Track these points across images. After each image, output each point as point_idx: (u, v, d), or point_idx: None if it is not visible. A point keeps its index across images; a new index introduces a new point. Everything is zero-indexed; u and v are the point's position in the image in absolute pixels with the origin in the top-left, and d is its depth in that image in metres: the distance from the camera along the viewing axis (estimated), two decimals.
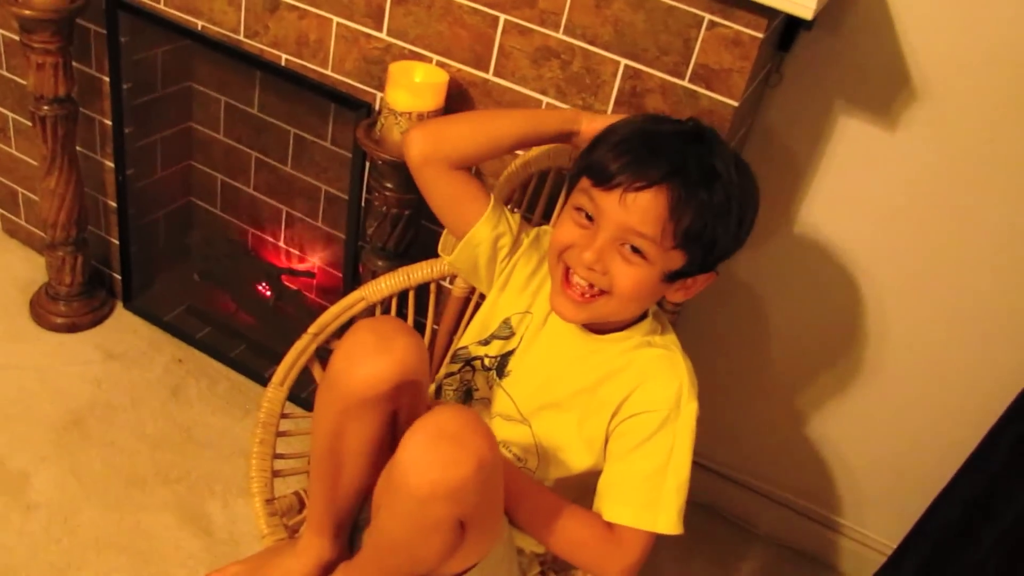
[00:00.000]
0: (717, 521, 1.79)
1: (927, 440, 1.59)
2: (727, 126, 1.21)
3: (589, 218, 1.03)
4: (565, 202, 1.12)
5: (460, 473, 0.86)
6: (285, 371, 1.32)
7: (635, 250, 1.01)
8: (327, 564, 1.08)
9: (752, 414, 1.72)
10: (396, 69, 1.32)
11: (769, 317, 1.62)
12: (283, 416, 1.31)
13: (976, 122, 1.34)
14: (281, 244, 1.93)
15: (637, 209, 0.99)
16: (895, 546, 1.59)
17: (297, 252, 1.91)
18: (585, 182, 1.04)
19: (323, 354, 1.36)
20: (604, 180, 1.00)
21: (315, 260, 1.90)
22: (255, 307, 1.94)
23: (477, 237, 1.16)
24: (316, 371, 1.35)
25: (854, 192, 1.45)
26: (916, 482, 1.60)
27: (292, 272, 1.91)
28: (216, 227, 1.99)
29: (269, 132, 1.81)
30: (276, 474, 1.27)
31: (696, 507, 1.09)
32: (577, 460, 1.11)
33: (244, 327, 1.94)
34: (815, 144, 1.44)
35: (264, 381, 1.85)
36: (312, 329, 1.34)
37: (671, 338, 1.13)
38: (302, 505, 1.28)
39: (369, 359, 0.96)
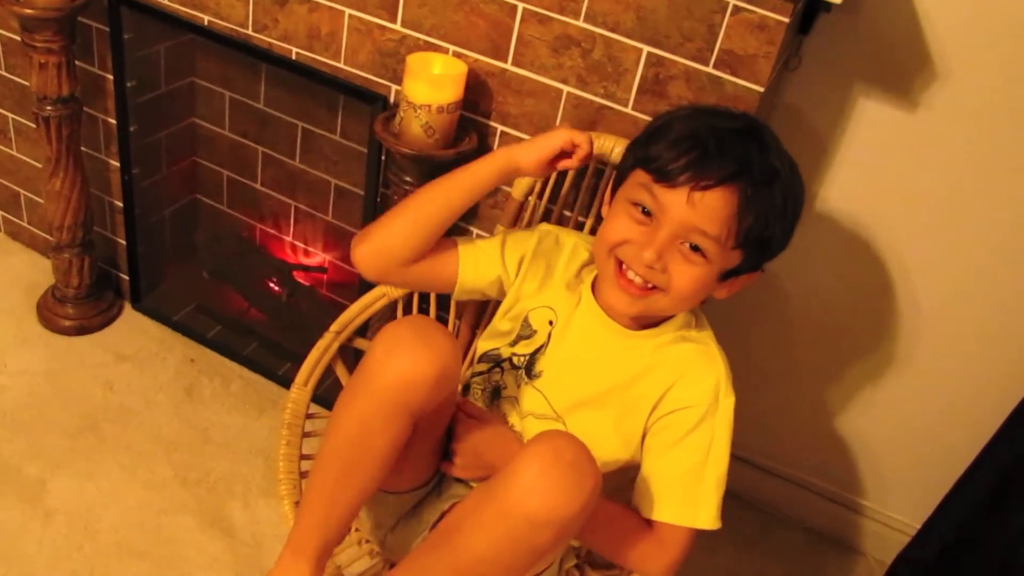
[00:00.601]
0: (741, 507, 1.78)
1: (951, 421, 1.59)
2: (753, 112, 1.20)
3: (646, 213, 1.02)
4: (612, 193, 1.10)
5: (581, 500, 0.87)
6: (309, 371, 1.31)
7: (695, 248, 1.00)
8: None
9: (774, 399, 1.71)
10: (414, 61, 1.30)
11: (790, 300, 1.61)
12: (308, 416, 1.30)
13: (997, 101, 1.33)
14: (290, 239, 1.91)
15: (705, 208, 0.97)
16: (919, 527, 1.59)
17: (307, 247, 1.89)
18: (643, 176, 1.02)
19: (345, 353, 1.35)
20: (668, 177, 0.98)
21: (326, 255, 1.88)
22: (266, 304, 1.92)
23: (466, 284, 1.17)
24: (339, 370, 1.34)
25: (876, 174, 1.44)
26: (940, 463, 1.60)
27: (303, 268, 1.89)
28: (223, 224, 1.96)
29: (276, 126, 1.78)
30: (304, 475, 1.26)
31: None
32: (612, 456, 1.10)
33: (256, 324, 1.92)
34: (835, 127, 1.43)
35: (278, 379, 1.84)
36: (334, 327, 1.33)
37: (707, 333, 1.12)
38: None
39: (410, 352, 0.95)
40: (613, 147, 1.25)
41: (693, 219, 0.98)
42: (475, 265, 1.16)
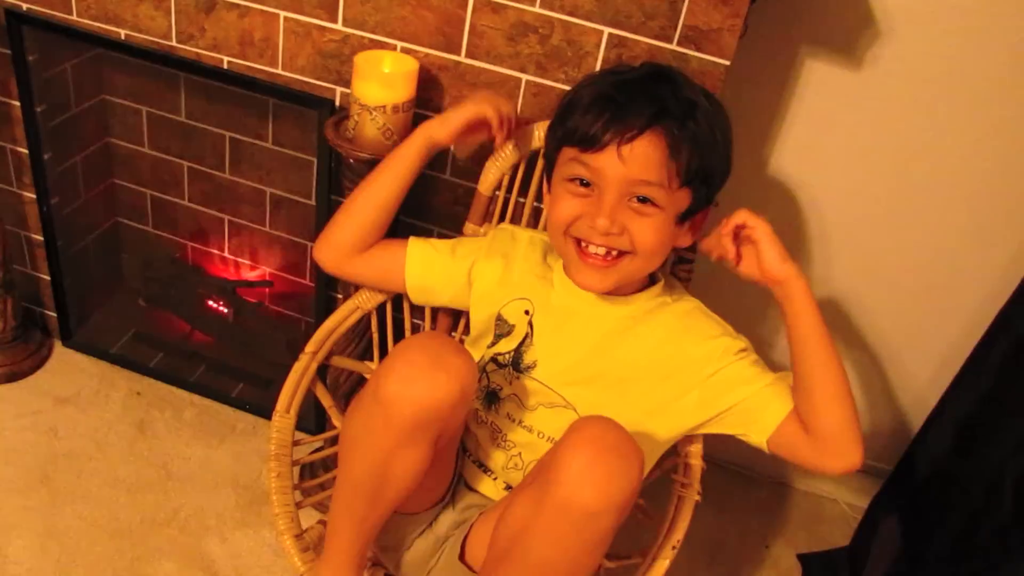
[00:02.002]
0: (715, 470, 1.81)
1: (909, 370, 1.65)
2: (719, 86, 1.19)
3: (585, 184, 1.03)
4: (548, 182, 1.12)
5: (632, 480, 0.86)
6: (289, 396, 1.25)
7: (643, 200, 1.01)
8: None
9: None
10: (362, 60, 1.23)
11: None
12: (295, 444, 1.24)
13: (939, 53, 1.36)
14: (228, 255, 1.81)
15: (637, 159, 0.98)
16: (891, 469, 1.64)
17: (248, 262, 1.80)
18: (571, 151, 1.03)
19: (323, 373, 1.29)
20: (593, 142, 0.99)
21: (268, 268, 1.80)
22: (210, 325, 1.82)
23: (415, 280, 1.19)
24: (319, 392, 1.28)
25: (825, 134, 1.47)
26: (908, 408, 1.66)
27: (246, 283, 1.80)
28: (152, 246, 1.85)
29: (201, 139, 1.69)
30: (299, 505, 1.21)
31: None
32: (633, 428, 1.10)
33: (201, 347, 1.83)
34: (784, 91, 1.44)
35: (232, 401, 1.77)
36: (310, 347, 1.27)
37: (688, 298, 1.17)
38: None
39: (426, 379, 0.91)
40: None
41: (631, 172, 0.99)
42: (423, 260, 1.18)
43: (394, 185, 1.16)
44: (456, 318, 1.36)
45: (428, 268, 1.19)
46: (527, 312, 1.15)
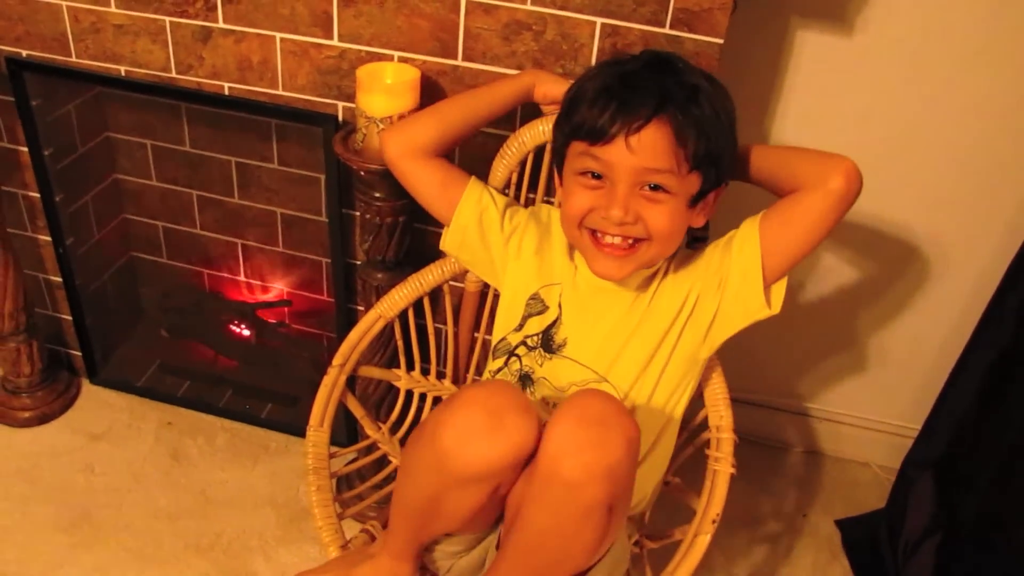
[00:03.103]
0: (747, 447, 1.82)
1: (924, 331, 1.66)
2: (715, 64, 1.20)
3: (596, 177, 1.04)
4: (559, 175, 1.13)
5: (612, 453, 0.87)
6: (321, 411, 1.26)
7: (655, 188, 1.02)
8: None
9: (760, 335, 1.75)
10: (365, 74, 1.25)
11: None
12: (331, 456, 1.26)
13: (929, 14, 1.37)
14: (245, 279, 1.83)
15: (645, 147, 0.99)
16: (920, 427, 1.65)
17: (265, 283, 1.82)
18: (580, 146, 1.04)
19: (352, 384, 1.31)
20: (600, 135, 1.01)
21: (286, 287, 1.82)
22: (234, 349, 1.84)
23: (463, 216, 1.18)
24: (351, 403, 1.30)
25: (823, 101, 1.48)
26: (930, 363, 1.67)
27: (266, 304, 1.82)
28: (167, 277, 1.87)
29: (207, 166, 1.70)
30: (341, 516, 1.22)
31: None
32: (680, 383, 1.14)
33: (227, 372, 1.85)
34: (778, 63, 1.46)
35: (263, 422, 1.78)
36: (337, 360, 1.28)
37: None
38: (373, 538, 1.24)
39: (482, 441, 0.91)
40: None
41: (640, 162, 1.00)
42: (478, 198, 1.18)
43: (487, 112, 1.19)
44: (478, 318, 1.37)
45: (480, 205, 1.18)
46: (560, 294, 1.17)
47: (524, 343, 1.18)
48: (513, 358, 1.19)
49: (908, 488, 1.62)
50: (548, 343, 1.16)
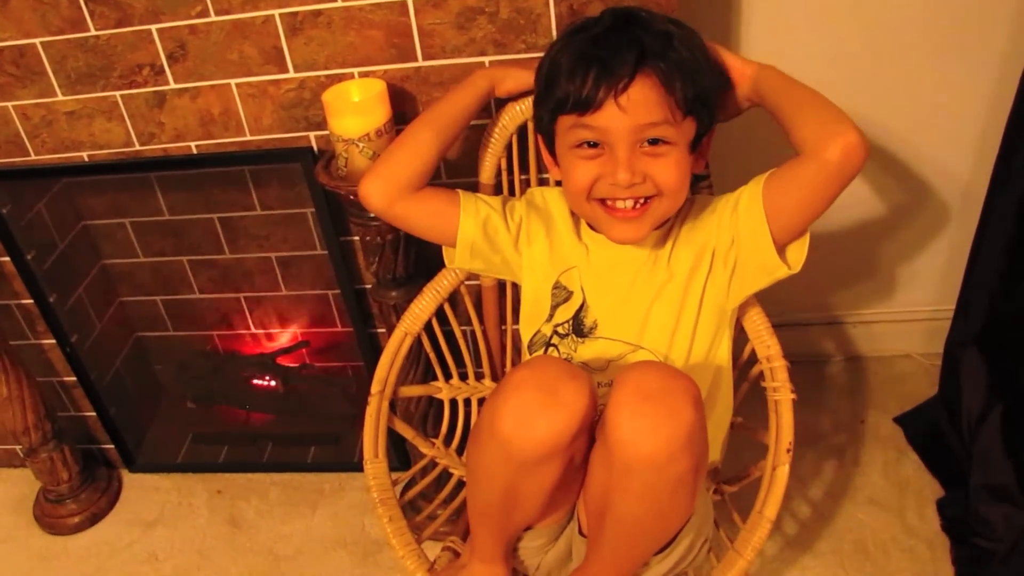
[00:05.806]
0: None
1: (928, 220, 1.66)
2: (676, 8, 1.18)
3: (592, 146, 1.02)
4: (551, 154, 1.11)
5: (685, 418, 0.85)
6: (372, 441, 1.25)
7: (655, 142, 1.01)
8: None
9: None
10: (330, 98, 1.22)
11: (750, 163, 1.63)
12: (394, 484, 1.24)
13: None
14: (256, 331, 1.81)
15: (635, 105, 0.98)
16: (953, 307, 1.65)
17: (277, 330, 1.80)
18: (569, 119, 1.02)
19: (394, 407, 1.29)
20: (588, 103, 0.99)
21: (299, 328, 1.79)
22: (263, 402, 1.82)
23: (467, 233, 1.15)
24: (398, 426, 1.28)
25: (787, 25, 1.46)
26: (948, 241, 1.66)
27: (284, 351, 1.80)
28: (179, 349, 1.85)
29: (191, 230, 1.68)
30: (419, 540, 1.21)
31: None
32: (712, 334, 1.12)
33: (262, 427, 1.83)
34: None
35: (311, 467, 1.76)
36: (375, 388, 1.27)
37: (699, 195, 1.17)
38: (456, 554, 1.22)
39: (541, 419, 0.90)
40: None
41: (634, 120, 0.98)
42: (475, 210, 1.15)
43: (454, 127, 1.15)
44: (502, 311, 1.35)
45: (480, 217, 1.15)
46: (579, 277, 1.15)
47: (556, 332, 1.17)
48: (551, 348, 1.17)
49: (957, 368, 1.62)
50: (579, 328, 1.15)
